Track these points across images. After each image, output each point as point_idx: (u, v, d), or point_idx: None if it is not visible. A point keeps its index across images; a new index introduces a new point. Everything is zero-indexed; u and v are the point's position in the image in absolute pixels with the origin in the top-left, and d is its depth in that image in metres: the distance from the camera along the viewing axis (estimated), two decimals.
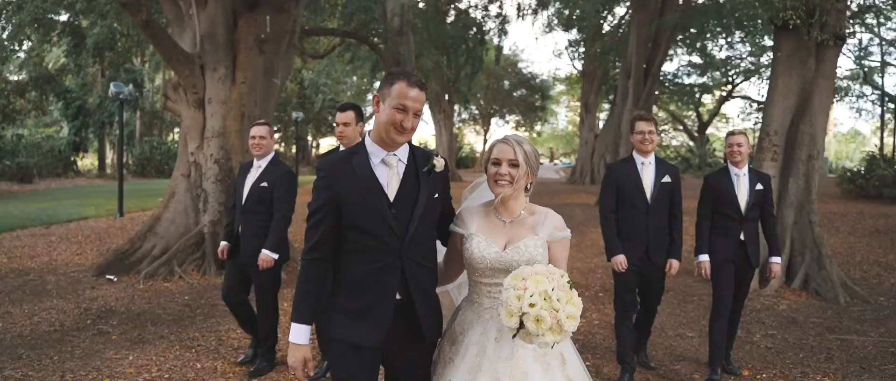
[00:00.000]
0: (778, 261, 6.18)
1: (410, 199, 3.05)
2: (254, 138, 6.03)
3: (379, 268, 3.00)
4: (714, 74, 40.77)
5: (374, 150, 3.05)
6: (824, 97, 9.95)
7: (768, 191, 6.10)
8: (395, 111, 2.95)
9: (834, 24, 9.55)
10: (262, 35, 10.49)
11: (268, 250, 5.84)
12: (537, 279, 2.74)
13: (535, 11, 33.49)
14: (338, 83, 42.56)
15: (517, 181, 3.12)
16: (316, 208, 3.00)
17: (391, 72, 3.04)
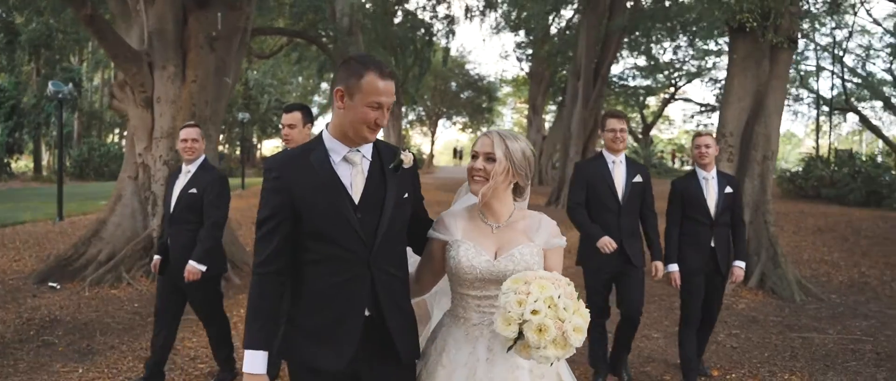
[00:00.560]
0: (741, 266, 5.88)
1: (377, 200, 2.70)
2: (185, 141, 5.54)
3: (344, 281, 2.65)
4: (658, 77, 41.49)
5: (334, 146, 2.68)
6: (778, 99, 10.12)
7: (737, 194, 5.92)
8: (369, 109, 2.59)
9: (787, 26, 9.71)
10: (213, 32, 10.14)
11: (194, 261, 5.37)
12: (542, 284, 2.46)
13: (483, 13, 33.54)
14: (284, 84, 41.92)
15: (493, 178, 2.76)
16: (268, 214, 2.63)
17: (353, 59, 2.64)
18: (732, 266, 5.83)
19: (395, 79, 2.71)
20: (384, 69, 2.60)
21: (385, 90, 2.60)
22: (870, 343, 7.25)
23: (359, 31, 22.85)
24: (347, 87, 2.59)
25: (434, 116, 49.56)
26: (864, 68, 36.76)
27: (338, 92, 2.62)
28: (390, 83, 2.62)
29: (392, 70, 2.70)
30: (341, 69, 2.66)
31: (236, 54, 10.84)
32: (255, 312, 2.65)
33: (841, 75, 35.14)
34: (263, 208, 2.66)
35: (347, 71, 2.62)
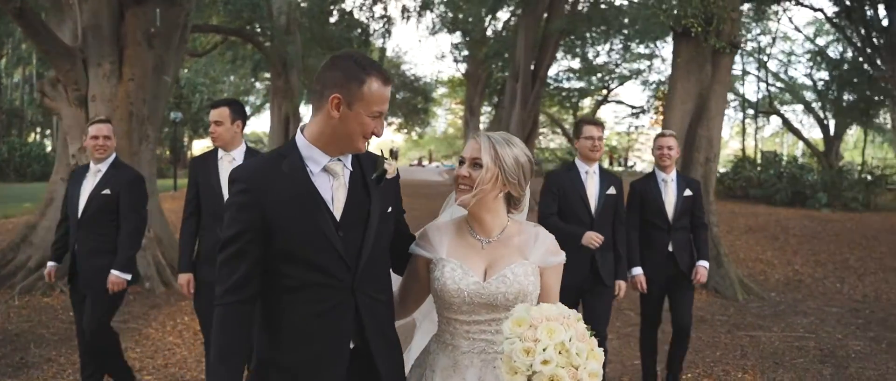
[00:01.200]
0: (705, 265, 5.68)
1: (361, 215, 2.39)
2: (97, 139, 5.03)
3: (325, 310, 2.33)
4: (592, 79, 42.16)
5: (312, 154, 2.35)
6: (720, 102, 10.36)
7: (698, 197, 5.72)
8: (369, 119, 2.30)
9: (729, 31, 9.95)
10: (151, 29, 9.76)
11: (118, 270, 4.95)
12: (551, 328, 2.15)
13: (420, 14, 33.46)
14: (216, 83, 40.90)
15: (480, 186, 2.47)
16: (234, 233, 2.26)
17: (350, 61, 2.30)
18: (696, 266, 5.63)
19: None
20: (384, 72, 2.34)
21: (386, 97, 2.35)
22: (813, 340, 7.47)
23: (296, 30, 22.43)
24: (346, 94, 2.27)
25: None
26: (786, 73, 38.17)
27: (333, 99, 2.26)
28: (389, 88, 2.37)
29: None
30: (334, 71, 2.31)
31: (175, 52, 10.45)
32: (222, 352, 2.28)
33: (765, 80, 36.45)
34: (229, 226, 2.30)
35: (345, 74, 2.28)
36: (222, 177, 4.85)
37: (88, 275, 5.01)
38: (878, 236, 16.13)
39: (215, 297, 2.31)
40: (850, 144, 46.95)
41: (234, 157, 4.93)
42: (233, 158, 4.92)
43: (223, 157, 4.95)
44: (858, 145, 44.62)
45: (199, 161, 5.08)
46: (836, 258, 13.19)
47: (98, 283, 4.96)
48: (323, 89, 2.30)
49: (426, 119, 52.43)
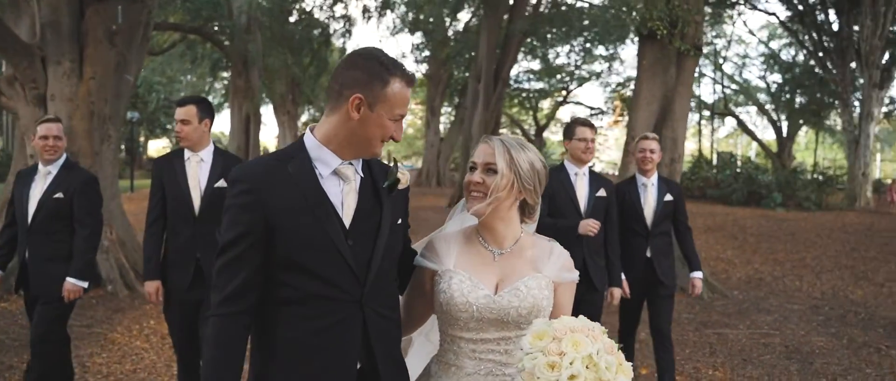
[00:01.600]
0: (699, 276, 5.56)
1: (371, 225, 2.22)
2: (46, 139, 4.78)
3: (330, 325, 2.15)
4: (551, 81, 42.52)
5: (322, 156, 2.18)
6: (684, 104, 10.51)
7: (680, 201, 5.53)
8: (391, 122, 2.17)
9: (693, 34, 10.11)
10: (113, 26, 9.54)
11: (74, 278, 4.71)
12: (576, 340, 1.97)
13: (381, 14, 33.38)
14: (172, 82, 40.24)
15: (494, 194, 2.29)
16: (234, 236, 2.10)
17: (373, 59, 2.15)
18: (690, 278, 5.53)
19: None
20: (408, 73, 2.19)
21: (408, 99, 2.22)
22: (778, 337, 7.63)
23: (257, 29, 22.19)
24: (369, 94, 2.12)
25: None
26: (741, 76, 39.02)
27: (354, 99, 2.11)
28: (412, 88, 2.24)
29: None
30: (355, 70, 2.15)
31: (138, 50, 10.24)
32: (216, 369, 2.10)
33: (721, 82, 37.19)
34: (229, 229, 2.12)
35: (368, 74, 2.13)
36: (190, 179, 4.59)
37: (42, 283, 4.77)
38: (831, 234, 16.57)
39: (211, 307, 2.15)
40: (802, 145, 48.10)
41: (201, 157, 4.64)
42: (201, 159, 4.63)
43: (190, 157, 4.64)
44: (809, 146, 45.82)
45: (164, 162, 4.74)
46: (793, 257, 13.50)
47: (52, 291, 4.72)
48: (342, 88, 2.14)
49: None
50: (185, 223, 4.57)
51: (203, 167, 4.63)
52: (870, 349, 7.18)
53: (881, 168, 44.64)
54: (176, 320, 4.75)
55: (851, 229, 17.67)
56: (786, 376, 6.30)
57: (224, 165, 4.61)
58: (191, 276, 4.56)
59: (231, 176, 2.16)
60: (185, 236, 4.57)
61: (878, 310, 9.12)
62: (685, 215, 5.62)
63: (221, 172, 4.58)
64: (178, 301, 4.66)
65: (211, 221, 4.46)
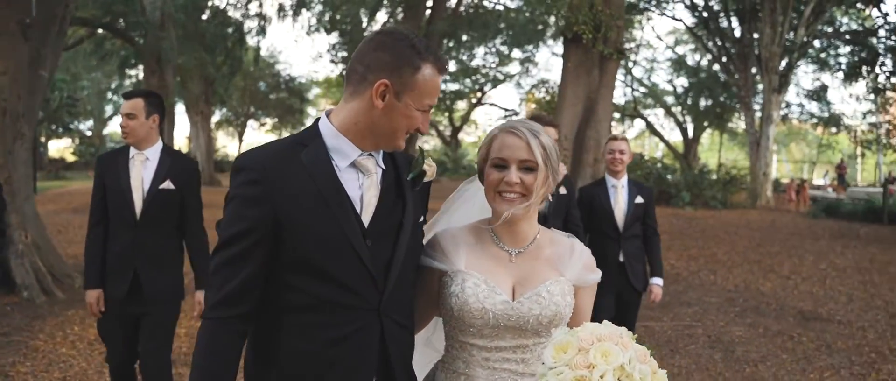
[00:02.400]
0: (660, 283, 5.46)
1: (392, 223, 2.00)
2: None
3: (344, 336, 1.92)
4: (466, 82, 42.97)
5: (340, 145, 1.94)
6: (607, 105, 10.90)
7: (650, 204, 5.43)
8: (419, 113, 1.94)
9: (615, 38, 10.49)
10: (27, 19, 9.13)
11: None
12: (606, 349, 1.76)
13: (296, 13, 32.94)
14: (77, 79, 38.54)
15: (534, 194, 2.06)
16: (237, 232, 1.86)
17: (403, 41, 1.91)
18: (650, 284, 5.43)
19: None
20: (442, 58, 1.95)
21: (439, 88, 1.99)
22: (700, 328, 8.01)
23: (171, 25, 21.55)
24: (397, 81, 1.88)
25: (243, 117, 47.92)
26: (649, 79, 40.42)
27: (380, 86, 1.87)
28: (444, 76, 2.00)
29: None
30: (383, 52, 1.90)
31: (53, 44, 9.82)
32: (206, 373, 1.88)
33: (630, 85, 38.44)
34: (230, 224, 1.88)
35: (397, 58, 1.89)
36: (132, 179, 4.25)
37: None
38: (738, 231, 17.41)
39: (206, 308, 1.93)
40: (706, 146, 50.16)
41: (147, 156, 4.30)
42: (146, 158, 4.29)
43: (135, 156, 4.30)
44: (713, 147, 47.91)
45: (107, 160, 4.44)
46: (705, 253, 14.12)
47: None
48: (366, 72, 1.90)
49: (301, 119, 51.64)
50: (124, 228, 4.22)
51: (148, 167, 4.27)
52: (784, 337, 7.64)
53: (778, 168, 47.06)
54: (111, 335, 4.40)
55: (755, 225, 18.60)
56: (711, 364, 6.63)
57: (172, 166, 4.29)
58: (127, 288, 4.18)
59: (237, 163, 1.93)
60: (124, 242, 4.21)
61: (787, 300, 9.67)
62: (654, 219, 5.52)
63: (168, 173, 4.25)
64: (115, 315, 4.29)
65: (153, 226, 4.20)
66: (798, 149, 54.17)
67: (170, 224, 4.28)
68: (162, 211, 4.22)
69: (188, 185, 4.31)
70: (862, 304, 9.38)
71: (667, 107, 39.44)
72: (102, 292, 4.29)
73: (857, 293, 10.04)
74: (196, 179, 4.41)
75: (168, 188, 4.22)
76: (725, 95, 33.33)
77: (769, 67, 23.95)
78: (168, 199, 4.22)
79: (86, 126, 45.99)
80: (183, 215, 4.31)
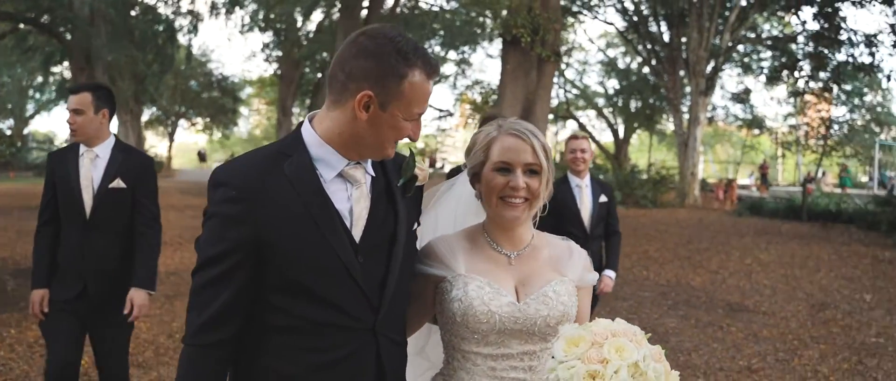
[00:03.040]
0: (612, 275, 5.45)
1: (384, 236, 1.87)
2: None
3: (338, 360, 1.80)
4: None
5: (325, 155, 1.80)
6: (544, 106, 11.19)
7: (612, 202, 5.39)
8: (407, 123, 1.80)
9: (552, 41, 10.79)
10: None
11: None
12: (619, 345, 1.70)
13: (229, 10, 32.46)
14: None
15: (537, 200, 2.02)
16: (217, 253, 1.73)
17: (388, 43, 1.73)
18: (602, 275, 5.33)
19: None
20: (431, 62, 1.80)
21: (429, 94, 1.83)
22: (636, 320, 8.27)
23: (101, 21, 20.98)
24: (381, 91, 1.73)
25: (173, 117, 46.87)
26: (581, 81, 41.25)
27: (363, 97, 1.73)
28: (434, 80, 1.84)
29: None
30: (366, 59, 1.73)
31: None
32: None
33: (563, 87, 39.14)
34: (210, 244, 1.75)
35: (380, 64, 1.72)
36: (82, 177, 4.05)
37: None
38: (668, 229, 17.99)
39: (187, 333, 1.78)
40: (636, 147, 51.43)
41: (97, 153, 4.09)
42: (96, 156, 4.09)
43: (85, 153, 4.09)
44: (642, 148, 49.20)
45: (56, 158, 4.23)
46: (638, 250, 14.58)
47: None
48: (347, 80, 1.75)
49: (234, 119, 50.83)
50: (74, 229, 4.05)
51: (98, 164, 4.06)
52: (714, 327, 8.03)
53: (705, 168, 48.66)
54: (57, 336, 4.11)
55: (684, 223, 19.25)
56: None
57: (123, 163, 4.08)
58: (75, 292, 4.01)
59: (215, 178, 1.79)
60: (72, 243, 4.04)
61: (716, 294, 10.12)
62: (616, 217, 5.46)
63: (118, 170, 4.05)
64: (62, 316, 4.05)
65: (103, 227, 4.03)
66: (723, 150, 56.09)
67: (121, 224, 4.08)
68: (113, 211, 4.04)
69: (141, 182, 4.12)
70: (784, 295, 9.89)
71: (598, 108, 40.31)
72: (47, 293, 4.09)
73: (779, 286, 10.57)
74: (150, 176, 4.21)
75: (119, 187, 4.03)
76: (655, 97, 34.30)
77: (696, 71, 24.77)
78: (119, 198, 4.04)
79: (6, 125, 44.26)
80: (134, 215, 4.11)
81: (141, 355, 6.24)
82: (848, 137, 36.23)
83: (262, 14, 32.56)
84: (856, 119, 38.14)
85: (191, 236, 13.52)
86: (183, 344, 1.81)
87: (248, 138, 64.47)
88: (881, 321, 8.39)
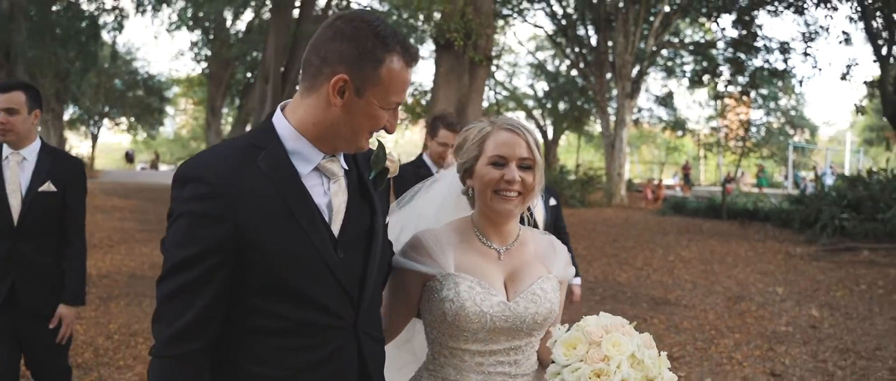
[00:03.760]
0: (579, 283, 5.47)
1: (361, 231, 1.83)
2: None
3: (320, 360, 1.74)
4: None
5: (300, 148, 1.74)
6: (477, 109, 11.47)
7: (559, 205, 5.34)
8: (383, 112, 1.73)
9: (484, 45, 11.08)
10: None
11: None
12: (616, 340, 1.79)
13: (156, 8, 31.79)
14: None
15: (530, 194, 2.04)
16: (190, 256, 1.62)
17: (364, 27, 1.68)
18: (570, 285, 5.31)
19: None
20: (410, 48, 1.73)
21: (408, 82, 1.76)
22: (565, 315, 8.57)
23: (21, 17, 20.28)
24: (357, 76, 1.66)
25: (97, 116, 45.49)
26: (511, 83, 41.90)
27: (338, 81, 1.66)
28: (413, 68, 1.78)
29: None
30: (342, 42, 1.67)
31: None
32: None
33: (493, 88, 39.69)
34: (181, 246, 1.63)
35: (358, 49, 1.66)
36: (8, 182, 3.83)
37: None
38: (596, 228, 18.53)
39: (156, 345, 1.67)
40: (564, 148, 52.44)
41: (24, 156, 3.88)
42: (23, 158, 3.87)
43: (10, 156, 3.86)
44: (570, 149, 50.24)
45: None
46: None
47: None
48: (322, 65, 1.69)
49: (160, 119, 49.68)
50: (1, 235, 3.83)
51: (26, 168, 3.86)
52: (638, 320, 8.40)
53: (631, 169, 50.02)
54: None
55: (611, 222, 19.85)
56: None
57: (53, 166, 3.90)
58: (1, 299, 3.80)
59: (182, 174, 1.67)
60: (0, 250, 3.82)
61: (641, 289, 10.59)
62: (563, 220, 5.45)
63: (49, 174, 3.87)
64: None
65: (32, 234, 3.85)
66: (649, 151, 57.72)
67: (51, 230, 3.90)
68: (42, 216, 3.85)
69: (71, 186, 3.93)
70: (704, 290, 10.43)
71: (527, 110, 40.98)
72: None
73: (699, 281, 11.11)
74: (80, 179, 4.03)
75: (49, 191, 3.84)
76: (582, 99, 35.14)
77: (622, 74, 25.50)
78: (49, 202, 3.85)
79: None
80: (64, 219, 3.93)
81: (80, 356, 6.21)
82: (765, 139, 37.84)
83: (190, 12, 32.02)
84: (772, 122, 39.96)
85: (120, 238, 13.34)
86: (152, 356, 1.68)
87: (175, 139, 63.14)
88: (791, 311, 8.97)
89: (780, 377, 6.46)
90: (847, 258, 12.63)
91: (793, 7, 22.88)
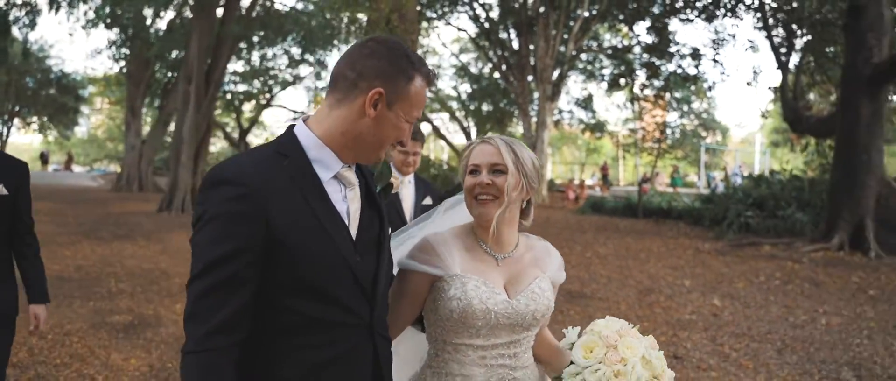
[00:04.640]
0: None
1: (372, 236, 1.99)
2: None
3: (339, 356, 1.87)
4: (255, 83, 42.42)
5: (323, 157, 1.89)
6: None
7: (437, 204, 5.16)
8: (407, 125, 1.92)
9: None
10: None
11: None
12: (629, 344, 1.98)
13: (72, 4, 30.87)
14: None
15: (506, 195, 2.18)
16: (226, 253, 1.71)
17: (396, 50, 1.89)
18: None
19: None
20: (431, 72, 1.96)
21: (425, 101, 1.98)
22: None
23: None
24: (391, 90, 1.85)
25: (6, 116, 43.71)
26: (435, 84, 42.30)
27: (375, 94, 1.84)
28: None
29: None
30: (379, 60, 1.86)
31: None
32: None
33: None
34: (216, 244, 1.71)
35: (393, 66, 1.86)
36: None
37: None
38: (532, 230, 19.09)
39: (191, 342, 1.72)
40: None
41: None
42: None
43: None
44: None
45: None
46: None
47: None
48: (358, 78, 1.86)
49: (75, 119, 48.10)
50: None
51: None
52: (556, 312, 8.84)
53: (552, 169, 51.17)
54: None
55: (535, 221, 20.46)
56: None
57: (2, 168, 3.77)
58: None
59: (215, 176, 1.78)
60: None
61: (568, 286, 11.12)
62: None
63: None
64: None
65: None
66: (569, 152, 59.13)
67: (4, 232, 3.80)
68: None
69: (21, 189, 3.84)
70: (618, 283, 11.04)
71: (451, 111, 41.49)
72: None
73: (614, 275, 11.73)
74: (27, 180, 3.93)
75: (1, 194, 3.73)
76: (505, 101, 35.84)
77: (543, 77, 26.19)
78: (2, 206, 3.74)
79: None
80: (13, 221, 3.83)
81: (15, 355, 6.26)
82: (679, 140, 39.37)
83: (108, 9, 31.18)
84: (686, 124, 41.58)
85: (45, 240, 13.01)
86: (186, 353, 1.73)
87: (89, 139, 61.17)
88: (696, 301, 9.64)
89: (682, 359, 7.04)
90: (750, 253, 13.52)
91: (704, 15, 23.99)
